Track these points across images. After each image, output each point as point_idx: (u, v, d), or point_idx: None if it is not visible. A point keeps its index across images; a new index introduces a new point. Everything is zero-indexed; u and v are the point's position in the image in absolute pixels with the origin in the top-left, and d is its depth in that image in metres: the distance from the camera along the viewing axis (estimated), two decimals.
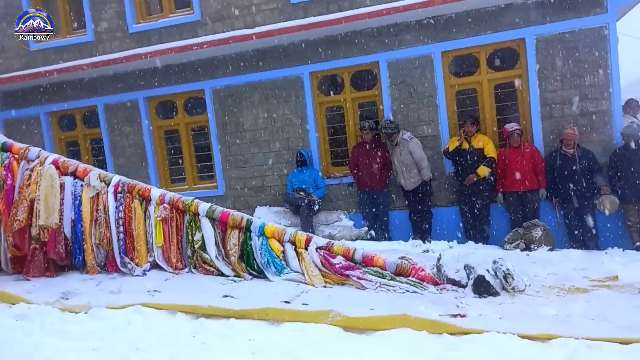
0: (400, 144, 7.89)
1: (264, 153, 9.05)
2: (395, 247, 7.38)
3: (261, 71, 8.89)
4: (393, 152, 7.99)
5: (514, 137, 7.51)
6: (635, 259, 6.35)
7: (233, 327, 4.33)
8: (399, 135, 7.92)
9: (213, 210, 5.85)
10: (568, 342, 3.80)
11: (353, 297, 4.97)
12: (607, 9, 7.36)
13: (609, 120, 7.54)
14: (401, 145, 7.89)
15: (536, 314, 4.50)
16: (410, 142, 7.88)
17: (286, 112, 8.89)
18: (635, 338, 3.84)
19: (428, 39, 8.11)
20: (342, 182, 8.76)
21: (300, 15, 8.44)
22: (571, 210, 7.45)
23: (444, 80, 8.20)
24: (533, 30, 7.66)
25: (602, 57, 7.46)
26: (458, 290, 5.22)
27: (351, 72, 8.67)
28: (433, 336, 4.05)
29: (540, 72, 7.72)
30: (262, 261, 5.59)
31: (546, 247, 7.04)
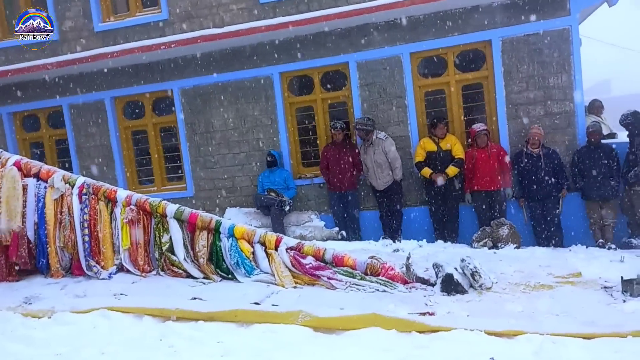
0: (375, 143, 7.93)
1: (234, 154, 8.99)
2: (366, 246, 7.41)
3: (230, 71, 8.82)
4: (366, 151, 8.00)
5: (481, 138, 7.63)
6: (597, 256, 6.53)
7: (202, 329, 4.29)
8: (374, 134, 7.96)
9: (181, 212, 5.78)
10: (534, 338, 3.88)
11: (323, 297, 4.98)
12: (569, 11, 7.54)
13: (572, 121, 7.73)
14: (376, 145, 7.93)
15: (503, 311, 4.59)
16: (386, 141, 7.93)
17: (256, 113, 8.84)
18: (597, 333, 3.95)
19: (397, 40, 8.17)
20: (313, 182, 8.76)
21: (269, 15, 8.41)
22: (537, 208, 7.60)
23: (412, 81, 8.27)
24: (499, 32, 7.79)
25: (565, 59, 7.64)
26: (427, 289, 5.28)
27: (321, 73, 8.68)
28: (402, 334, 4.08)
29: (506, 73, 7.86)
30: (232, 262, 5.55)
31: (513, 245, 7.17)
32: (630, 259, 6.26)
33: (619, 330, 3.92)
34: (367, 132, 7.91)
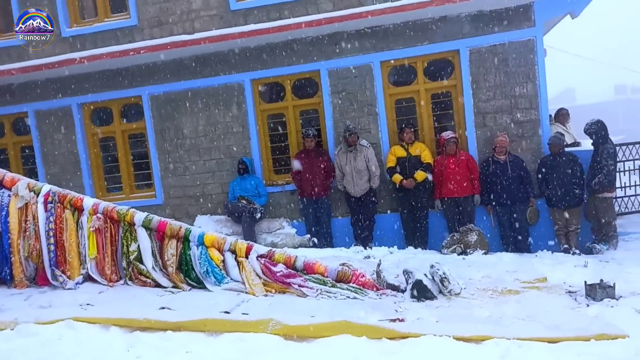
0: (357, 150, 7.97)
1: (204, 161, 8.92)
2: (337, 253, 7.42)
3: (201, 78, 8.77)
4: (346, 157, 8.01)
5: (450, 145, 7.75)
6: (562, 261, 6.69)
7: (170, 339, 4.22)
8: (358, 141, 8.01)
9: (150, 220, 5.70)
10: (500, 343, 3.94)
11: (294, 305, 4.96)
12: (534, 22, 7.74)
13: (537, 129, 7.92)
14: (358, 151, 7.98)
15: (471, 316, 4.65)
16: (369, 149, 8.02)
17: (227, 120, 8.80)
18: (562, 337, 4.03)
19: (367, 49, 8.26)
20: (284, 189, 8.75)
21: (240, 22, 8.40)
22: (504, 214, 7.74)
23: (383, 89, 8.36)
24: (466, 42, 7.95)
25: (530, 69, 7.84)
26: (397, 295, 5.32)
27: (293, 80, 8.70)
28: (372, 341, 4.09)
29: (473, 82, 8.02)
30: (201, 271, 5.49)
31: (481, 251, 7.28)
32: (594, 264, 6.44)
33: (583, 334, 4.01)
34: (353, 137, 7.95)
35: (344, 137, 8.02)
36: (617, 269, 6.11)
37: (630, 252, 7.01)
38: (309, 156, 8.23)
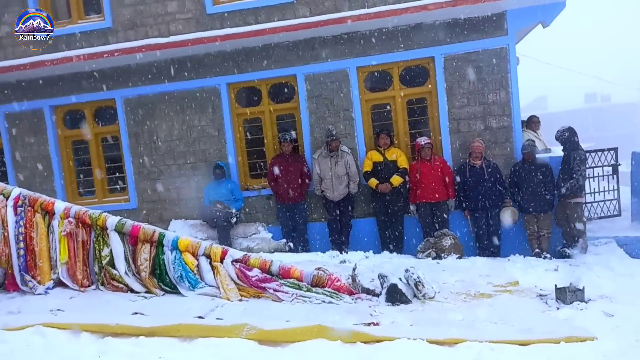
0: (339, 156, 8.00)
1: (179, 165, 8.84)
2: (313, 258, 7.42)
3: (177, 81, 8.70)
4: (326, 162, 8.01)
5: (425, 151, 7.83)
6: (534, 265, 6.81)
7: (143, 345, 4.17)
8: (339, 146, 8.05)
9: (122, 224, 5.62)
10: (473, 346, 4.00)
11: (269, 309, 4.96)
12: (507, 31, 7.88)
13: (509, 136, 8.06)
14: (339, 157, 8.00)
15: (445, 320, 4.71)
16: (349, 155, 8.08)
17: (203, 123, 8.74)
18: (533, 339, 4.11)
19: (344, 54, 8.30)
20: (261, 194, 8.72)
21: (216, 26, 8.36)
22: (480, 219, 7.84)
23: (359, 94, 8.41)
24: (441, 49, 8.05)
25: (503, 77, 7.98)
26: (372, 299, 5.35)
27: (269, 84, 8.69)
28: (347, 345, 4.11)
29: (448, 89, 8.12)
30: (175, 276, 5.44)
31: (455, 255, 7.36)
32: (564, 268, 6.58)
33: (553, 337, 4.10)
34: (336, 142, 7.99)
35: (326, 142, 8.04)
36: (587, 273, 6.25)
37: (599, 257, 7.16)
38: (286, 161, 8.22)
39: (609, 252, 7.36)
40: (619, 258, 7.03)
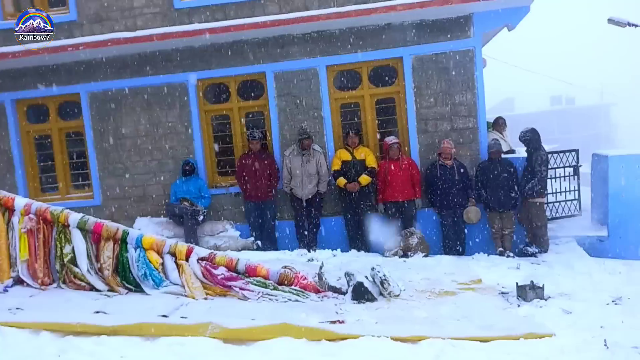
0: (310, 154, 8.01)
1: (145, 161, 8.70)
2: (281, 256, 7.42)
3: (143, 76, 8.55)
4: (297, 160, 7.99)
5: (393, 150, 7.90)
6: (497, 263, 6.96)
7: (104, 344, 4.11)
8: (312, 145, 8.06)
9: (85, 221, 5.52)
10: (435, 343, 4.07)
11: (235, 308, 4.94)
12: (473, 33, 8.02)
13: (475, 136, 8.20)
14: (311, 155, 8.00)
15: (409, 317, 4.77)
16: (321, 154, 8.10)
17: (170, 120, 8.63)
18: (493, 336, 4.20)
19: (313, 53, 8.31)
20: (229, 191, 8.66)
21: (184, 21, 8.25)
22: (448, 217, 7.96)
23: (328, 93, 8.43)
24: (409, 50, 8.14)
25: (470, 78, 8.11)
26: (338, 297, 5.38)
27: (238, 81, 8.63)
28: (312, 343, 4.13)
29: (416, 89, 8.21)
30: (139, 274, 5.36)
31: (421, 254, 7.45)
32: (526, 266, 6.74)
33: (512, 334, 4.20)
34: (308, 140, 7.98)
35: (299, 140, 8.03)
36: (548, 271, 6.42)
37: (560, 255, 7.36)
38: (255, 158, 8.19)
39: (570, 250, 7.56)
40: (579, 256, 7.24)
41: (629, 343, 4.05)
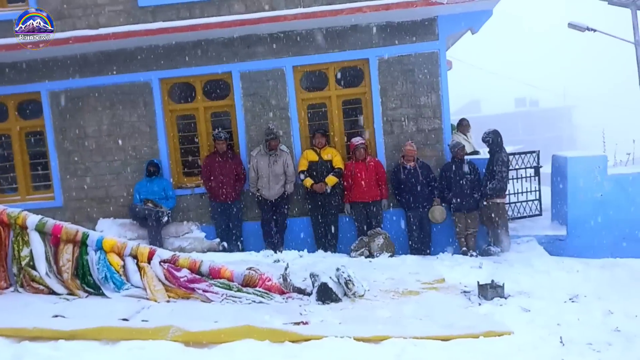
0: (277, 155, 7.98)
1: (108, 162, 8.53)
2: (247, 258, 7.38)
3: (106, 75, 8.39)
4: (264, 160, 7.96)
5: (360, 151, 7.95)
6: (460, 263, 7.07)
7: (62, 349, 4.00)
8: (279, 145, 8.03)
9: (44, 223, 5.38)
10: (398, 342, 4.11)
11: (197, 310, 4.89)
12: (438, 36, 8.14)
13: (440, 137, 8.32)
14: (278, 156, 7.98)
15: (373, 317, 4.81)
16: (288, 155, 8.09)
17: (133, 119, 8.49)
18: (454, 335, 4.27)
19: (280, 53, 8.29)
20: (194, 192, 8.58)
21: (148, 20, 8.12)
22: (413, 218, 8.05)
23: (295, 93, 8.43)
24: (376, 51, 8.20)
25: (434, 80, 8.22)
26: (303, 298, 5.38)
27: (203, 81, 8.55)
28: (275, 345, 4.11)
29: (382, 90, 8.28)
30: (100, 277, 5.26)
31: (387, 254, 7.52)
32: (488, 265, 6.87)
33: (473, 332, 4.28)
34: (275, 140, 7.96)
35: (266, 140, 8.00)
36: (508, 270, 6.55)
37: (520, 254, 7.51)
38: (221, 159, 8.13)
39: (530, 249, 7.73)
40: (539, 255, 7.40)
41: (584, 340, 4.17)
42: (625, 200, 7.96)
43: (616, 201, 7.95)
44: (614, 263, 6.60)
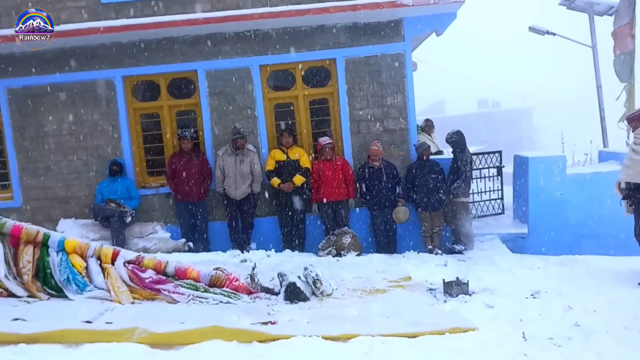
0: (244, 154, 7.92)
1: (69, 161, 8.32)
2: (213, 258, 7.31)
3: (67, 72, 8.17)
4: (231, 160, 7.90)
5: (327, 151, 7.98)
6: (426, 261, 7.17)
7: (23, 353, 3.89)
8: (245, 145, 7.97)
9: (2, 224, 5.20)
10: (365, 340, 4.14)
11: (163, 312, 4.82)
12: (404, 37, 8.23)
13: (406, 138, 8.42)
14: (244, 155, 7.91)
15: (341, 316, 4.83)
16: (255, 154, 8.03)
17: (96, 118, 8.29)
18: (420, 332, 4.33)
19: (247, 52, 8.24)
20: (159, 192, 8.45)
21: (111, 16, 7.94)
22: (378, 217, 8.12)
23: (262, 93, 8.39)
24: (343, 51, 8.24)
25: (400, 81, 8.30)
26: (271, 298, 5.37)
27: (168, 79, 8.43)
28: (243, 345, 4.09)
29: (349, 91, 8.33)
30: (62, 279, 5.12)
31: (354, 253, 7.56)
32: (453, 263, 6.99)
33: (438, 329, 4.34)
34: (242, 139, 7.90)
35: (232, 140, 7.94)
36: (473, 267, 6.68)
37: (484, 252, 7.68)
38: (186, 158, 8.03)
39: (493, 247, 7.91)
40: (502, 253, 7.58)
41: (545, 335, 4.28)
42: (583, 199, 8.23)
43: (575, 200, 8.22)
44: (573, 260, 6.79)
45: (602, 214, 8.10)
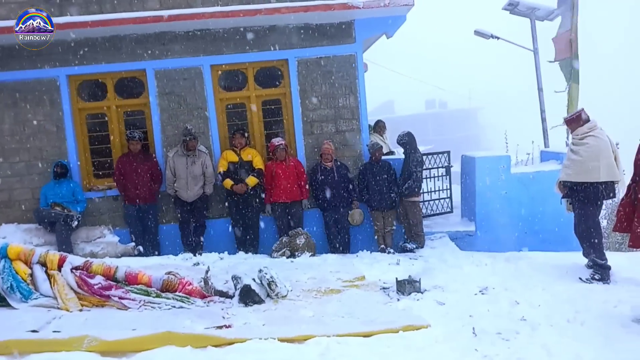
0: (196, 155, 7.80)
1: (10, 163, 7.96)
2: (165, 262, 7.16)
3: (7, 70, 7.81)
4: (182, 161, 7.77)
5: (280, 151, 7.96)
6: (379, 260, 7.28)
7: None
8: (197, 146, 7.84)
9: None
10: (321, 341, 4.17)
11: (114, 318, 4.69)
12: (355, 39, 8.32)
13: (358, 138, 8.52)
14: (196, 157, 7.80)
15: (296, 317, 4.84)
16: (207, 155, 7.93)
17: (39, 118, 7.97)
18: (375, 330, 4.40)
19: (197, 51, 8.13)
20: (106, 195, 8.21)
21: (54, 14, 7.63)
22: (331, 218, 8.17)
23: (213, 93, 8.30)
24: (295, 52, 8.25)
25: (352, 82, 8.39)
26: (225, 302, 5.31)
27: (115, 78, 8.20)
28: (197, 350, 4.04)
29: (301, 91, 8.35)
30: (5, 287, 4.89)
31: (308, 253, 7.58)
32: (405, 262, 7.13)
33: (392, 327, 4.42)
34: (193, 140, 7.79)
35: (183, 141, 7.80)
36: (424, 265, 6.84)
37: (434, 250, 7.86)
38: (135, 160, 7.85)
39: (443, 245, 8.11)
40: (451, 251, 7.78)
41: (494, 329, 4.44)
42: (526, 197, 8.56)
43: (519, 198, 8.54)
44: (518, 256, 7.06)
45: (544, 212, 8.45)
